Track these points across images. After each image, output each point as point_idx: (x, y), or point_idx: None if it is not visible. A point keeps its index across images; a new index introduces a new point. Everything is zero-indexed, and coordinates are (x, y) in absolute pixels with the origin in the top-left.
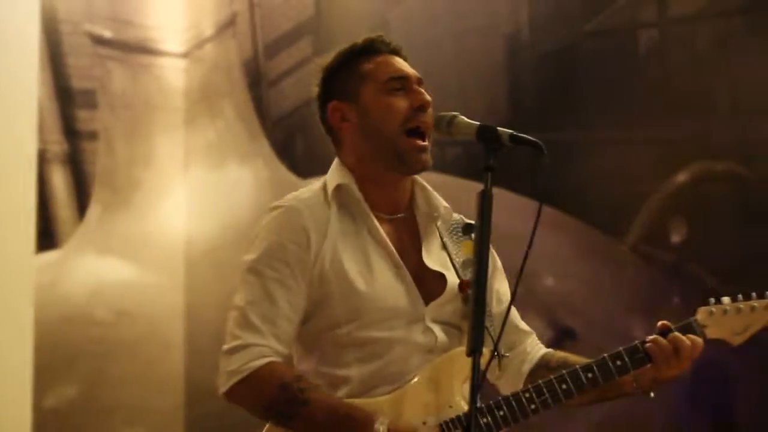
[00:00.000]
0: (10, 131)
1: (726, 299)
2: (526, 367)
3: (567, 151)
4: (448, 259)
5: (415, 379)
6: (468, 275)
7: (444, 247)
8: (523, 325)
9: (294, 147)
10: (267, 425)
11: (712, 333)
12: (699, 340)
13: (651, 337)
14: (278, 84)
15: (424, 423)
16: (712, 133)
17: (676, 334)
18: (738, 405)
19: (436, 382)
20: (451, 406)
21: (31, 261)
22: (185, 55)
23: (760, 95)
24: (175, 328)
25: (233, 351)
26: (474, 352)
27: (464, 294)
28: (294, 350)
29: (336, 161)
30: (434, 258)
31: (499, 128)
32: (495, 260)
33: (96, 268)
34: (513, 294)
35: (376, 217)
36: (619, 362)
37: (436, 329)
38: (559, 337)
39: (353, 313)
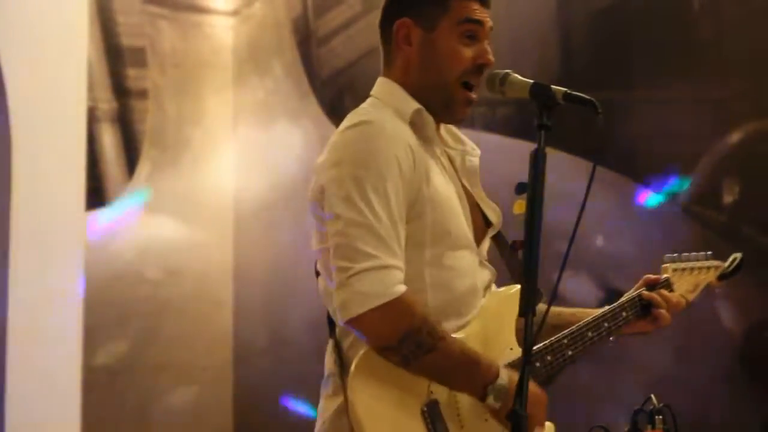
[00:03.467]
0: (60, 89)
1: (676, 256)
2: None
3: (618, 110)
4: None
5: (477, 320)
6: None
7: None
8: None
9: (343, 106)
10: (362, 353)
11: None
12: (682, 301)
13: (656, 292)
14: (327, 42)
15: None
16: (766, 93)
17: (665, 293)
18: None
19: (494, 323)
20: (511, 349)
21: (80, 219)
22: (234, 13)
23: None
24: (224, 287)
25: (371, 270)
26: (527, 313)
27: (516, 253)
28: None
29: (388, 81)
30: (477, 192)
31: (552, 86)
32: None
33: (145, 227)
34: (566, 255)
35: None
36: (624, 313)
37: (488, 265)
38: (609, 297)
39: (440, 236)
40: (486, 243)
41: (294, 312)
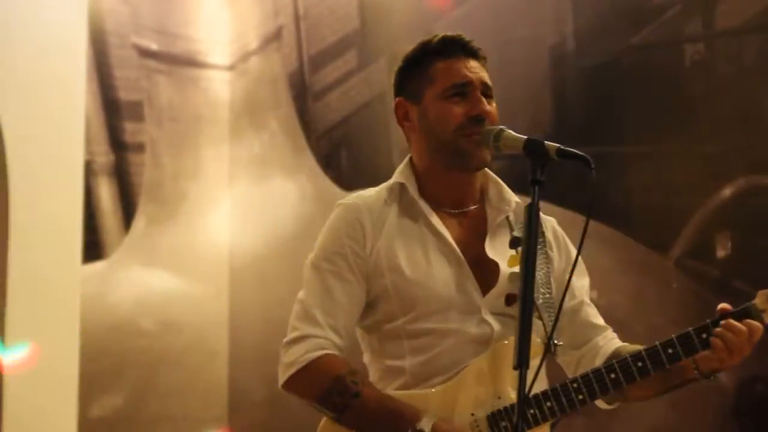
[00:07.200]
0: (57, 142)
1: None
2: (599, 361)
3: (612, 165)
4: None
5: (466, 370)
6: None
7: None
8: (598, 320)
9: (339, 160)
10: (321, 423)
11: None
12: (757, 324)
13: (722, 323)
14: (323, 97)
15: (472, 415)
16: (759, 147)
17: (731, 321)
18: None
19: (488, 372)
20: (499, 397)
21: (77, 271)
22: (231, 68)
23: None
24: (220, 338)
25: (292, 342)
26: (521, 365)
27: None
28: (361, 344)
29: (407, 159)
30: (497, 249)
31: (546, 142)
32: (570, 253)
33: (141, 279)
34: (559, 306)
35: (440, 212)
36: (670, 350)
37: (493, 321)
38: None
39: (408, 304)
40: (501, 297)
41: None
